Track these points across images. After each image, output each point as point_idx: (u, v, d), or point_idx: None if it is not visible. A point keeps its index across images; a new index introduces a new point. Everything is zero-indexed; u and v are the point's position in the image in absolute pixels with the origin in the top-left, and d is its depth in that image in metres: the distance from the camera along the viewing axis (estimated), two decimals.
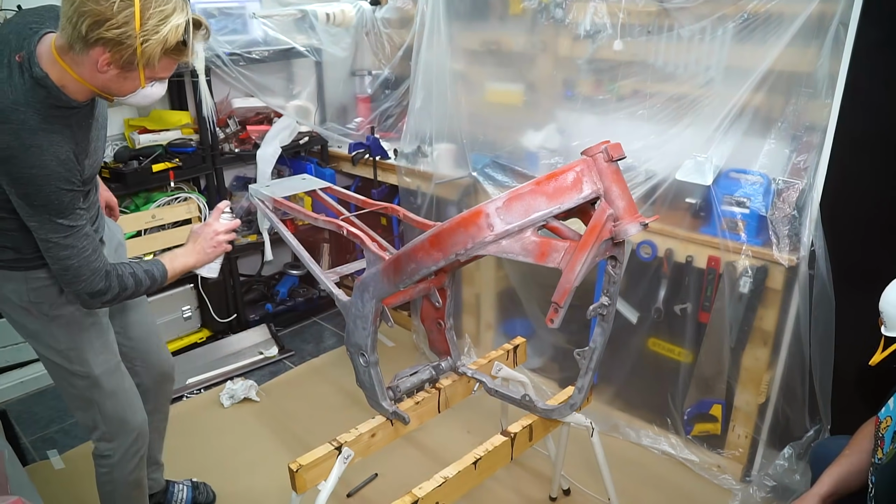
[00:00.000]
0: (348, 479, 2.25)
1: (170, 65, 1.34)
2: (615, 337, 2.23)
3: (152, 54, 1.26)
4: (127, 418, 1.66)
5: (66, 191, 1.33)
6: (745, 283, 2.01)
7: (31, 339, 1.58)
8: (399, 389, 1.79)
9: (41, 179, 1.29)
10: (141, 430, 1.70)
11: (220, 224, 1.67)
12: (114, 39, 1.22)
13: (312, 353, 3.14)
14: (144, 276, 1.50)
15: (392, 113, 3.15)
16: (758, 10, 1.86)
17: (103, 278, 1.41)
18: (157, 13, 1.23)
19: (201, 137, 2.85)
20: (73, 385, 1.59)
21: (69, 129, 1.36)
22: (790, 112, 1.93)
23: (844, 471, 1.47)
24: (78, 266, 1.37)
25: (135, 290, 1.48)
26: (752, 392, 2.12)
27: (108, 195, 1.96)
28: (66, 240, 1.35)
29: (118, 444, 1.67)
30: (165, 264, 1.56)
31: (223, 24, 2.84)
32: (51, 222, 1.33)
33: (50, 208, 1.32)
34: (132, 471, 1.72)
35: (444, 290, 1.82)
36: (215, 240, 1.65)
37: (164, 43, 1.25)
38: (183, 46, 1.30)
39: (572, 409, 1.72)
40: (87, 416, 1.64)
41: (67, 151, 1.34)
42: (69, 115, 1.36)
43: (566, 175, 1.32)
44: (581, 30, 2.25)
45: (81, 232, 1.37)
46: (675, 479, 2.28)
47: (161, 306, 2.90)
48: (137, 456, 1.72)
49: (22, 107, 1.28)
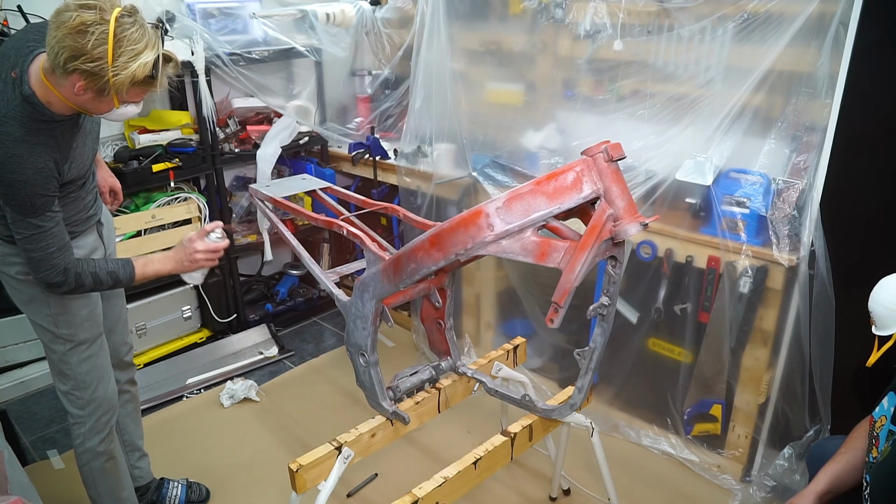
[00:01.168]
0: (348, 479, 2.25)
1: (140, 93, 1.49)
2: (615, 337, 2.23)
3: (121, 85, 1.39)
4: (98, 388, 1.79)
5: (39, 195, 1.48)
6: (745, 283, 2.01)
7: (26, 304, 1.71)
8: (399, 389, 1.79)
9: (18, 185, 1.45)
10: (111, 402, 1.84)
11: (202, 243, 1.74)
12: (88, 71, 1.36)
13: (312, 353, 3.14)
14: (107, 277, 1.63)
15: (392, 113, 3.15)
16: (758, 10, 1.86)
17: (60, 273, 1.55)
18: (129, 51, 1.37)
19: (201, 137, 2.85)
20: (56, 350, 1.74)
21: (53, 139, 1.51)
22: (790, 112, 1.93)
23: (840, 468, 1.47)
24: (39, 259, 1.53)
25: (93, 287, 1.63)
26: (752, 392, 2.12)
27: (112, 181, 2.08)
28: (33, 237, 1.51)
29: (88, 412, 1.80)
30: (136, 268, 1.67)
31: (223, 24, 2.84)
32: (22, 220, 1.49)
33: (23, 209, 1.48)
34: (102, 440, 1.84)
35: (444, 290, 1.82)
36: (193, 256, 1.73)
37: (133, 77, 1.39)
38: (151, 79, 1.44)
39: (572, 409, 1.72)
40: (63, 379, 1.77)
41: (47, 160, 1.49)
42: (53, 127, 1.50)
43: (566, 175, 1.32)
44: (581, 30, 2.25)
45: (49, 232, 1.52)
46: (675, 479, 2.28)
47: (161, 306, 2.90)
48: (108, 427, 1.84)
49: (10, 120, 1.43)
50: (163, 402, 2.74)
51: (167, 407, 2.72)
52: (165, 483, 2.19)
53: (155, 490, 2.17)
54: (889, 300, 1.39)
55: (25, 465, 2.38)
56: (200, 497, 2.23)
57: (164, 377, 2.84)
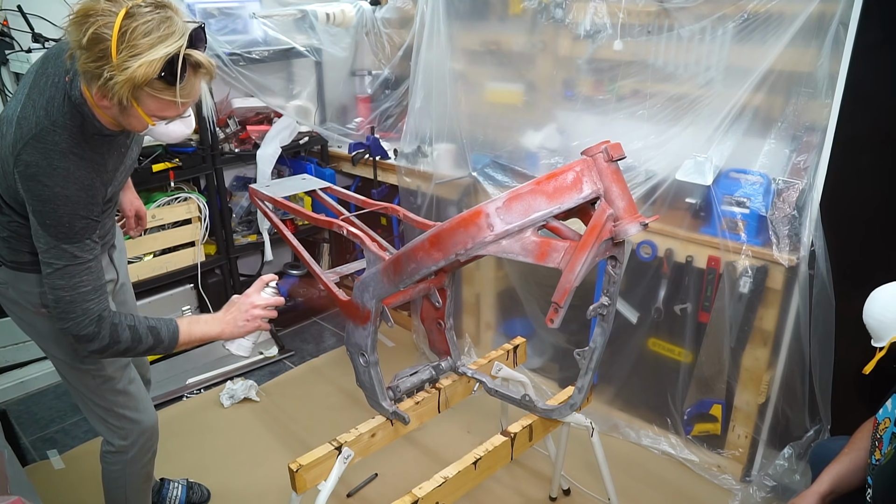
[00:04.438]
0: (348, 479, 2.25)
1: (162, 106, 1.22)
2: (615, 337, 2.24)
3: (122, 91, 1.15)
4: (140, 417, 1.66)
5: (81, 216, 1.28)
6: (745, 283, 2.01)
7: (42, 339, 1.56)
8: (399, 389, 1.79)
9: (60, 200, 1.25)
10: (154, 429, 1.72)
11: (260, 297, 1.49)
12: (91, 72, 1.16)
13: (312, 353, 3.13)
14: (147, 333, 1.37)
15: (392, 113, 3.15)
16: (758, 10, 1.86)
17: (94, 322, 1.31)
18: (130, 46, 1.12)
19: (201, 137, 2.85)
20: (86, 384, 1.58)
21: (100, 156, 1.33)
22: (790, 112, 1.93)
23: (844, 469, 1.47)
24: (70, 301, 1.29)
25: (130, 346, 1.36)
26: (752, 392, 2.12)
27: (138, 204, 1.92)
28: (66, 269, 1.29)
29: (132, 441, 1.67)
30: (181, 327, 1.42)
31: (223, 24, 2.84)
32: (56, 247, 1.28)
33: (60, 231, 1.27)
34: (145, 465, 1.74)
35: (444, 290, 1.82)
36: (250, 313, 1.47)
37: (132, 80, 1.13)
38: (165, 83, 1.17)
39: (572, 409, 1.72)
40: (100, 414, 1.63)
41: (94, 178, 1.30)
42: (101, 143, 1.33)
43: (566, 175, 1.32)
44: (581, 30, 2.25)
45: (85, 266, 1.30)
46: (675, 479, 2.28)
47: (161, 306, 2.90)
48: (151, 451, 1.74)
49: (59, 128, 1.26)
50: (163, 402, 2.74)
51: (167, 407, 2.72)
52: (166, 483, 2.19)
53: (156, 492, 2.16)
54: (879, 312, 1.39)
55: (25, 465, 2.38)
56: (202, 498, 2.22)
57: (164, 377, 2.84)
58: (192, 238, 2.89)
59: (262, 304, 1.48)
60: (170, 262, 2.83)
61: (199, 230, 2.89)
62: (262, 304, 1.48)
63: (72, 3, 1.20)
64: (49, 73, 1.31)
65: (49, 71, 1.32)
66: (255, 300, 1.48)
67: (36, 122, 1.26)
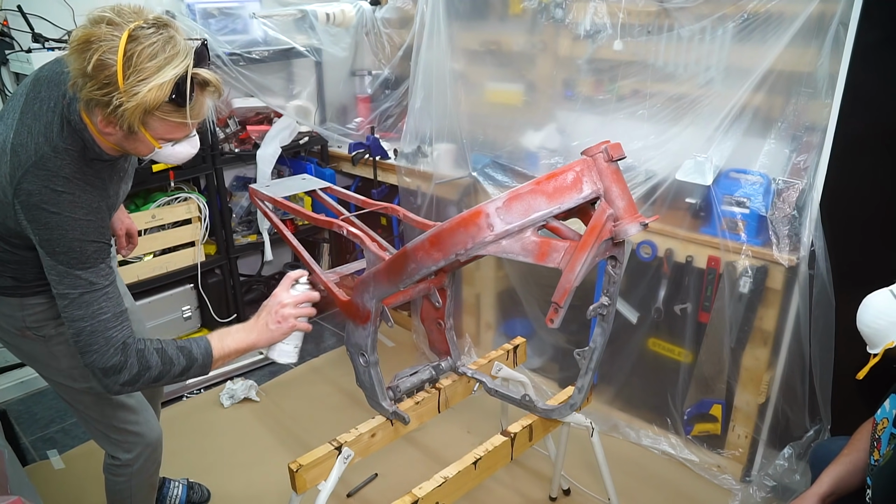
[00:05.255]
0: (348, 479, 2.25)
1: (172, 127, 1.20)
2: (615, 337, 2.23)
3: (132, 117, 1.12)
4: (142, 430, 1.63)
5: (91, 241, 1.23)
6: (745, 283, 2.01)
7: (31, 362, 1.53)
8: (399, 389, 1.79)
9: (68, 225, 1.21)
10: (158, 441, 1.68)
11: (289, 295, 1.40)
12: (96, 100, 1.13)
13: (312, 353, 3.13)
14: (177, 353, 1.28)
15: (392, 113, 3.16)
16: (758, 10, 1.86)
17: (119, 351, 1.23)
18: (138, 71, 1.09)
19: (201, 137, 2.84)
20: (83, 402, 1.54)
21: (101, 181, 1.29)
22: (790, 112, 1.93)
23: (844, 470, 1.47)
24: (91, 331, 1.22)
25: (162, 370, 1.27)
26: (752, 392, 2.12)
27: (129, 223, 1.89)
28: (83, 298, 1.22)
29: (137, 454, 1.64)
30: (213, 342, 1.33)
31: (223, 24, 2.84)
32: (70, 275, 1.22)
33: (71, 257, 1.21)
34: (150, 475, 1.72)
35: (444, 290, 1.82)
36: (280, 313, 1.38)
37: (143, 105, 1.11)
38: (175, 106, 1.15)
39: (572, 409, 1.72)
40: (101, 430, 1.60)
41: (99, 202, 1.27)
42: (102, 168, 1.30)
43: (566, 175, 1.32)
44: (581, 30, 2.25)
45: (103, 291, 1.23)
46: (675, 479, 2.28)
47: (161, 306, 2.90)
48: (156, 463, 1.71)
49: (61, 153, 1.22)
50: (163, 402, 2.72)
51: (167, 407, 2.71)
52: (167, 483, 2.18)
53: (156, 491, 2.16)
54: (872, 320, 1.38)
55: (25, 465, 2.38)
56: (202, 498, 2.22)
57: None
58: (192, 238, 2.89)
59: (292, 302, 1.40)
60: (170, 262, 2.83)
61: (199, 230, 2.89)
62: (292, 303, 1.40)
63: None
64: (43, 98, 1.26)
65: (42, 95, 1.26)
66: (282, 299, 1.40)
67: (35, 148, 1.22)
